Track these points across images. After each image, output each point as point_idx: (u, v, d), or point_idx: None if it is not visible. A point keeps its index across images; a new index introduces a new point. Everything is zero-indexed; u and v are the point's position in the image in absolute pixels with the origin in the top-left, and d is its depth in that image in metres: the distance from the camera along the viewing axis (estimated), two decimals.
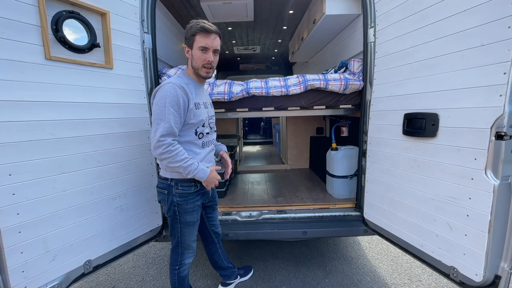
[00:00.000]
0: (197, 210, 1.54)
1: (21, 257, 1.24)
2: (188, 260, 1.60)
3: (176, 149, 1.30)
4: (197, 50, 1.36)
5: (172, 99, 1.28)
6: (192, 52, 1.39)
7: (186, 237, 1.54)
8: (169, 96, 1.28)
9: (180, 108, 1.31)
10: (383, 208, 1.83)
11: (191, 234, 1.55)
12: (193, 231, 1.56)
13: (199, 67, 1.40)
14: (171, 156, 1.29)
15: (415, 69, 1.53)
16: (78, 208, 1.48)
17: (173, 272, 1.60)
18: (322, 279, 2.18)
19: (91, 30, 1.51)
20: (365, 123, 2.00)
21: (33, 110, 1.27)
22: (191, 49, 1.39)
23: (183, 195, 1.46)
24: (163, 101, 1.28)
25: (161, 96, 1.30)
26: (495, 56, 1.14)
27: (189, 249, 1.58)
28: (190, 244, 1.57)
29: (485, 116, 1.18)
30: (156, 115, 1.30)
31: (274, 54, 5.17)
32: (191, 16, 3.15)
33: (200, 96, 1.47)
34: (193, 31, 1.34)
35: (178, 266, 1.58)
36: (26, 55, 1.24)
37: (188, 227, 1.52)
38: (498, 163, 1.15)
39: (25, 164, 1.25)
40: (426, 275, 2.20)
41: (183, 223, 1.50)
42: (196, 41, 1.35)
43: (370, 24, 1.91)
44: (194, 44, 1.36)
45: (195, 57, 1.38)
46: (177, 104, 1.30)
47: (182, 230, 1.51)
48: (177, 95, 1.29)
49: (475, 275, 1.24)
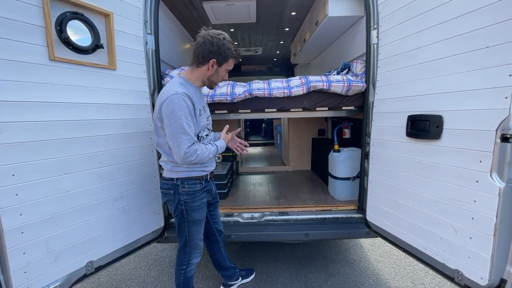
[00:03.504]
0: (203, 207, 1.56)
1: (24, 257, 1.24)
2: (195, 260, 1.62)
3: (201, 150, 1.38)
4: (224, 70, 1.46)
5: (185, 110, 1.31)
6: (218, 69, 1.44)
7: (194, 235, 1.56)
8: (181, 109, 1.31)
9: (192, 117, 1.36)
10: (386, 210, 1.82)
11: (198, 232, 1.57)
12: (200, 229, 1.58)
13: (216, 82, 1.51)
14: (203, 156, 1.39)
15: (419, 71, 1.53)
16: (81, 209, 1.47)
17: (179, 272, 1.60)
18: (324, 281, 2.16)
19: (94, 31, 1.51)
20: (367, 125, 2.00)
21: (36, 110, 1.27)
22: (219, 66, 1.43)
23: (189, 193, 1.49)
24: (176, 114, 1.30)
25: (173, 110, 1.30)
26: (501, 58, 1.13)
27: (197, 249, 1.60)
28: (197, 243, 1.59)
29: (490, 118, 1.17)
30: (174, 129, 1.31)
31: (276, 55, 5.18)
32: (193, 18, 3.16)
33: (200, 101, 1.50)
34: (230, 54, 1.40)
35: (185, 266, 1.59)
36: (30, 56, 1.24)
37: (195, 225, 1.54)
38: (503, 166, 1.14)
39: (28, 165, 1.25)
40: (429, 278, 2.18)
41: (191, 222, 1.52)
42: (228, 63, 1.44)
43: (373, 25, 1.91)
44: (225, 65, 1.43)
45: (220, 75, 1.46)
46: (190, 114, 1.35)
47: (190, 229, 1.54)
48: (187, 106, 1.33)
49: (480, 278, 1.23)
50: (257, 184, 3.12)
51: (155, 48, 1.91)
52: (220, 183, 2.58)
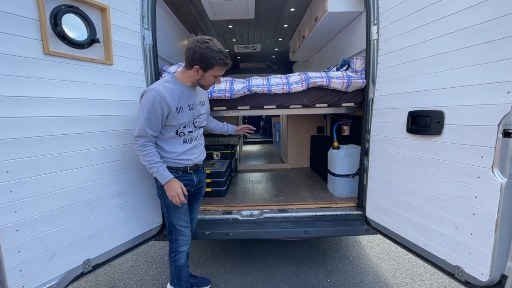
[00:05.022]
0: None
1: (19, 256, 1.22)
2: (183, 248, 1.67)
3: (145, 150, 1.44)
4: (211, 76, 1.47)
5: (150, 106, 1.38)
6: (204, 74, 1.46)
7: (174, 221, 1.63)
8: (149, 104, 1.38)
9: (157, 114, 1.41)
10: (386, 207, 1.81)
11: (177, 218, 1.63)
12: (179, 215, 1.63)
13: (205, 86, 1.55)
14: (141, 155, 1.46)
15: (420, 66, 1.51)
16: (77, 206, 1.45)
17: (171, 261, 1.70)
18: (324, 278, 2.16)
19: (90, 25, 1.48)
20: (367, 121, 1.98)
21: (31, 106, 1.24)
22: (204, 72, 1.45)
23: None
24: (143, 106, 1.40)
25: (143, 102, 1.41)
26: (503, 52, 1.11)
27: (182, 235, 1.66)
28: (180, 229, 1.65)
29: (492, 113, 1.16)
30: (137, 117, 1.44)
31: (275, 53, 5.16)
32: (191, 14, 3.13)
33: (186, 100, 1.52)
34: (213, 61, 1.40)
35: (174, 254, 1.67)
36: (24, 49, 1.21)
37: (173, 210, 1.61)
38: (505, 161, 1.13)
39: (23, 161, 1.22)
40: (428, 274, 2.18)
41: (169, 207, 1.60)
42: (214, 70, 1.44)
43: (373, 21, 1.89)
44: (211, 71, 1.44)
45: (206, 80, 1.49)
46: (155, 110, 1.39)
47: (169, 214, 1.63)
48: (156, 103, 1.38)
49: (481, 274, 1.22)
50: (256, 182, 3.10)
51: (153, 44, 1.88)
52: (219, 180, 2.56)
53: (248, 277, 2.20)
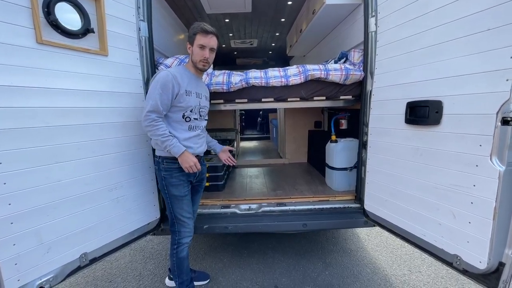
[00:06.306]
0: (182, 184, 1.63)
1: (14, 249, 1.19)
2: (185, 239, 1.68)
3: (158, 125, 1.47)
4: (197, 47, 1.54)
5: (163, 82, 1.46)
6: (192, 49, 1.57)
7: (177, 211, 1.64)
8: (161, 80, 1.46)
9: (168, 91, 1.47)
10: (384, 199, 1.81)
11: (181, 208, 1.64)
12: (182, 205, 1.64)
13: (197, 62, 1.58)
14: (153, 130, 1.47)
15: (418, 57, 1.51)
16: (73, 199, 1.43)
17: (172, 253, 1.68)
18: (322, 271, 2.17)
19: (84, 14, 1.45)
20: (365, 114, 1.98)
21: (24, 96, 1.21)
22: (192, 45, 1.57)
23: (168, 169, 1.60)
24: (156, 84, 1.47)
25: (156, 80, 1.49)
26: (502, 40, 1.11)
27: (184, 226, 1.67)
28: (183, 220, 1.65)
29: (491, 101, 1.15)
30: (148, 94, 1.50)
31: (272, 48, 5.13)
32: (188, 7, 3.09)
33: (193, 86, 1.61)
34: (194, 31, 1.53)
35: (176, 246, 1.67)
36: (16, 37, 1.18)
37: (176, 200, 1.62)
38: (503, 149, 1.13)
39: (16, 153, 1.19)
40: (426, 266, 2.20)
41: (172, 197, 1.62)
42: (196, 40, 1.53)
43: (371, 13, 1.88)
44: (195, 42, 1.54)
45: (195, 53, 1.57)
46: (166, 87, 1.46)
47: (172, 204, 1.64)
48: (168, 81, 1.47)
49: (479, 262, 1.23)
50: (253, 177, 3.09)
51: (149, 36, 1.85)
52: (217, 175, 2.55)
53: (246, 270, 2.20)
